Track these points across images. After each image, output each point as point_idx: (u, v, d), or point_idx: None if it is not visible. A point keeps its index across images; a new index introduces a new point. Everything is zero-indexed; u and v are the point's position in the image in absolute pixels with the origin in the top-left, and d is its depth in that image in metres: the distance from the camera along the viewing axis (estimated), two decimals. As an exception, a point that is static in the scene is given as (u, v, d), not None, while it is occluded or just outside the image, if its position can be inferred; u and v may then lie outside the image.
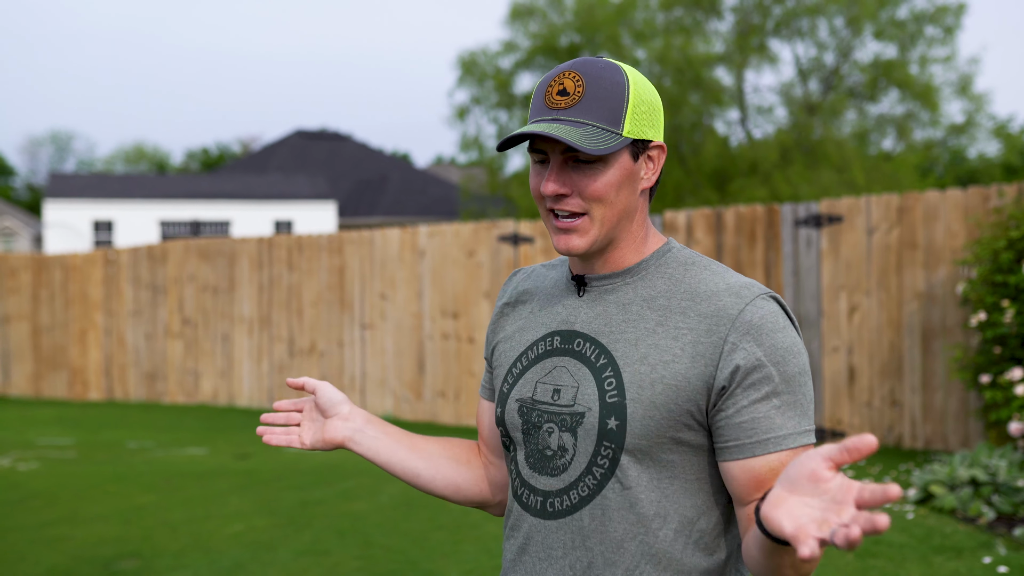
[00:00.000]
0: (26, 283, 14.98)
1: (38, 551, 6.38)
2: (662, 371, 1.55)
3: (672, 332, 1.57)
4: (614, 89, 1.58)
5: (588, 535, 1.59)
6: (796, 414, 1.53)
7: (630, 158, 1.59)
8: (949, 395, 7.92)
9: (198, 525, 6.75)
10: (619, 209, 1.60)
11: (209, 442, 10.16)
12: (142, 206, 30.63)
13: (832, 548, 5.47)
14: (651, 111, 1.61)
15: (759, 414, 1.52)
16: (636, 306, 1.61)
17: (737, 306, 1.55)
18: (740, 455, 1.53)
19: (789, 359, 1.54)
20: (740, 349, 1.53)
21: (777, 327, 1.55)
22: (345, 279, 11.95)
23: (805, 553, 1.19)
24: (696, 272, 1.62)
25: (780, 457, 1.51)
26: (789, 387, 1.53)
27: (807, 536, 1.21)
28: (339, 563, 5.72)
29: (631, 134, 1.58)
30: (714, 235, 9.04)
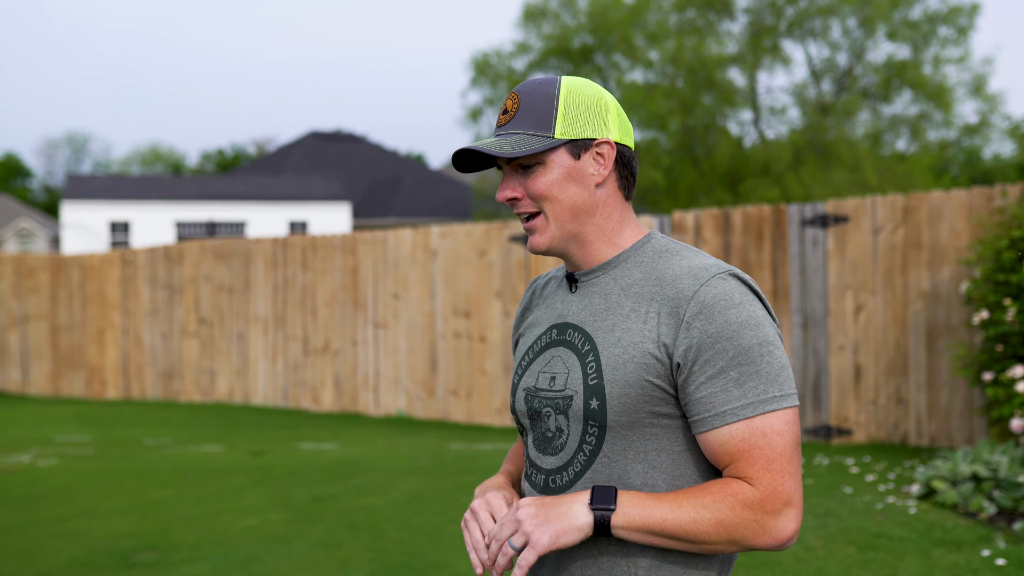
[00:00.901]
0: (45, 283, 15.18)
1: (58, 544, 6.54)
2: (632, 351, 1.69)
3: (642, 316, 1.71)
4: (544, 99, 1.75)
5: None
6: (757, 383, 1.64)
7: (570, 156, 1.75)
8: (954, 393, 8.02)
9: (214, 519, 6.89)
10: (568, 204, 1.76)
11: (224, 439, 10.31)
12: (158, 207, 30.86)
13: (836, 543, 5.58)
14: (589, 111, 1.76)
15: (716, 388, 1.64)
16: (615, 295, 1.76)
17: (693, 287, 1.68)
18: (703, 428, 1.66)
19: (743, 332, 1.65)
20: (694, 328, 1.65)
21: (731, 303, 1.66)
22: (359, 279, 12.10)
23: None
24: (668, 259, 1.76)
25: (740, 427, 1.63)
26: (747, 358, 1.64)
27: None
28: (351, 555, 5.85)
29: (564, 135, 1.74)
30: (722, 235, 9.15)
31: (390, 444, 9.56)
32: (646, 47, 32.85)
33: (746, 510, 1.61)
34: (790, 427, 1.66)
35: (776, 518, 1.62)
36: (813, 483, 6.99)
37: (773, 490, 1.62)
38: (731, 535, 1.62)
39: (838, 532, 5.76)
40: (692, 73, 31.38)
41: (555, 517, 1.64)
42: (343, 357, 12.25)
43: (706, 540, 1.62)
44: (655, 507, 1.62)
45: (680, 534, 1.62)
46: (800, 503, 1.64)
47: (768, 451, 1.63)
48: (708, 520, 1.61)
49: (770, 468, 1.62)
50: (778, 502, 1.62)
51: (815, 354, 8.66)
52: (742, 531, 1.62)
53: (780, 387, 1.65)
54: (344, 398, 12.23)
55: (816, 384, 8.67)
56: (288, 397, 12.82)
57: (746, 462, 1.63)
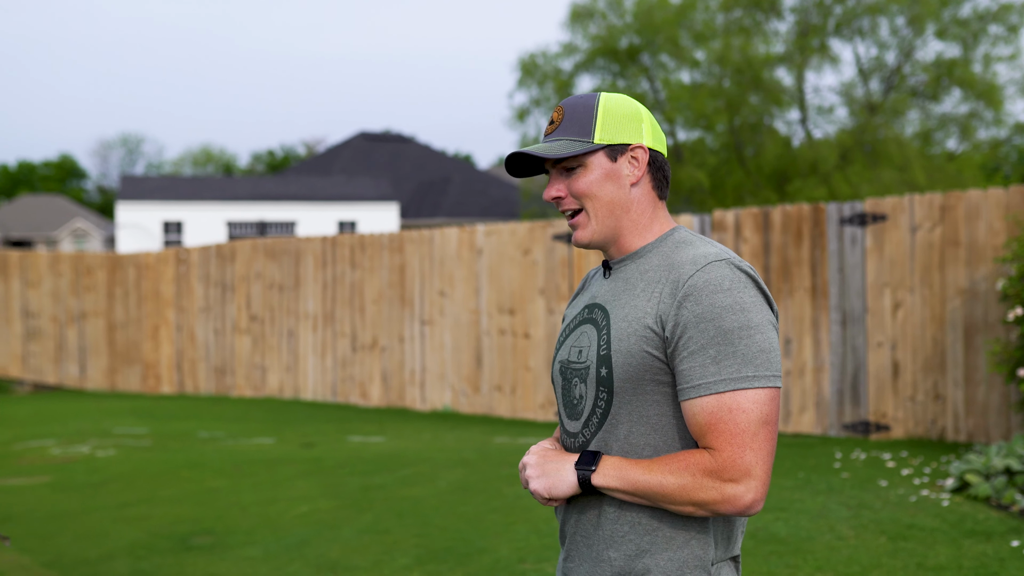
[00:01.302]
0: (102, 281, 15.61)
1: (120, 528, 6.84)
2: (635, 325, 1.92)
3: (648, 295, 1.94)
4: (585, 111, 2.00)
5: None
6: (732, 363, 1.83)
7: (608, 159, 2.00)
8: (991, 389, 8.11)
9: (267, 507, 7.17)
10: (607, 201, 1.99)
11: (276, 432, 10.62)
12: (210, 207, 31.41)
13: (868, 533, 5.73)
14: (625, 120, 2.00)
15: (695, 363, 1.85)
16: (634, 279, 1.99)
17: (690, 272, 1.90)
18: (683, 397, 1.88)
19: (727, 315, 1.85)
20: (684, 308, 1.87)
21: (720, 289, 1.86)
22: (406, 277, 12.36)
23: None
24: (682, 248, 1.98)
25: (710, 400, 1.83)
26: (726, 339, 1.84)
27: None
28: (398, 541, 6.09)
29: (603, 140, 1.98)
30: (762, 234, 9.29)
31: (436, 438, 9.80)
32: (692, 47, 32.86)
33: (705, 477, 1.81)
34: (758, 406, 1.83)
35: (734, 486, 1.80)
36: (850, 476, 7.13)
37: (732, 461, 1.81)
38: (692, 498, 1.82)
39: (871, 523, 5.90)
40: (739, 73, 31.37)
41: (550, 472, 1.94)
42: (390, 353, 12.52)
43: (671, 501, 1.84)
44: (630, 470, 1.85)
45: (650, 494, 1.84)
46: (762, 476, 1.81)
47: (732, 425, 1.82)
48: (672, 484, 1.82)
49: (731, 441, 1.81)
50: (735, 472, 1.80)
51: (854, 351, 8.79)
52: (702, 495, 1.82)
53: (755, 368, 1.84)
54: (391, 393, 12.50)
55: (855, 380, 8.79)
56: (337, 392, 13.12)
57: (712, 434, 1.83)
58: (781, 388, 1.89)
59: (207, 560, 6.00)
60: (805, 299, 9.04)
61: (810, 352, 9.02)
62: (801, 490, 6.74)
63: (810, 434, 9.09)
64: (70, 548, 6.43)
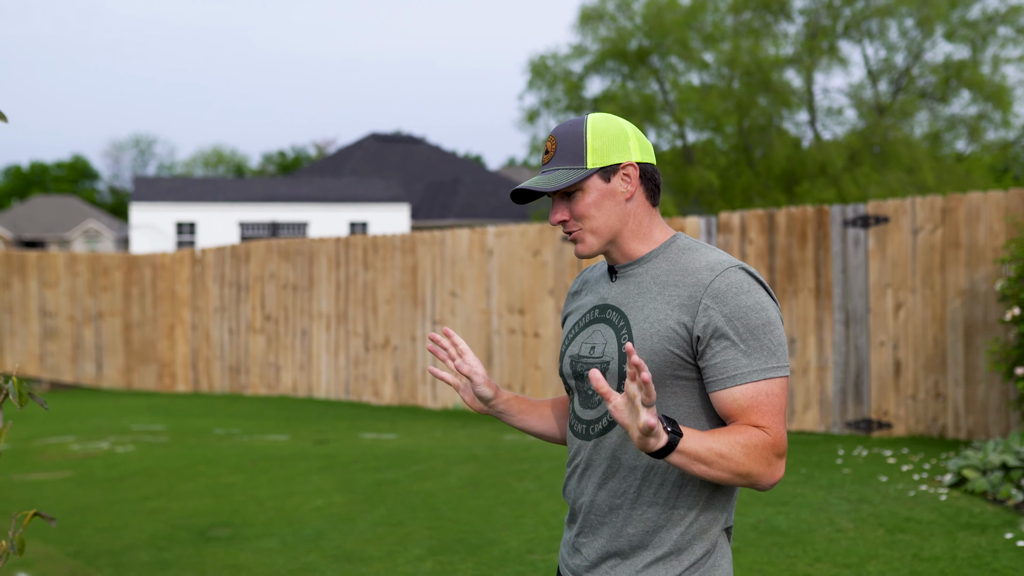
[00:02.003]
0: (118, 281, 15.86)
1: (140, 520, 7.06)
2: (658, 326, 2.12)
3: (667, 299, 2.14)
4: (575, 139, 2.20)
5: (616, 449, 2.17)
6: (761, 356, 2.06)
7: (602, 181, 2.20)
8: (991, 388, 8.28)
9: (283, 500, 7.38)
10: (605, 219, 2.20)
11: (290, 429, 10.83)
12: (223, 208, 31.67)
13: (867, 525, 5.91)
14: (612, 142, 2.20)
15: (728, 357, 2.07)
16: (647, 283, 2.20)
17: (710, 277, 2.11)
18: (717, 388, 2.09)
19: (751, 315, 2.07)
20: (711, 309, 2.08)
21: (741, 291, 2.09)
22: (417, 277, 12.57)
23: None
24: (689, 254, 2.19)
25: (747, 388, 2.06)
26: (752, 335, 2.07)
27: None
28: (411, 533, 6.29)
29: (595, 164, 2.18)
30: (767, 235, 9.48)
31: (447, 435, 10.00)
32: (702, 49, 33.01)
33: (767, 449, 2.02)
34: (784, 391, 2.09)
35: (780, 460, 2.05)
36: (851, 472, 7.31)
37: (781, 437, 2.05)
38: (755, 467, 2.00)
39: (870, 516, 6.08)
40: (748, 75, 31.51)
41: (656, 428, 1.93)
42: (402, 352, 12.73)
43: (730, 469, 1.97)
44: (704, 438, 1.97)
45: (719, 460, 1.96)
46: (786, 454, 2.07)
47: (771, 407, 2.05)
48: (740, 453, 1.99)
49: (776, 420, 2.05)
50: (781, 447, 2.05)
51: (856, 350, 8.96)
52: (761, 466, 2.01)
53: (778, 360, 2.08)
54: (403, 392, 12.71)
55: (857, 379, 8.97)
56: (350, 391, 13.34)
57: (757, 414, 2.05)
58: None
59: (226, 551, 6.20)
60: (809, 299, 9.22)
61: (814, 351, 9.20)
62: (803, 485, 6.93)
63: (814, 432, 9.27)
64: (93, 539, 6.64)
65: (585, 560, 2.23)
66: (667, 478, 2.13)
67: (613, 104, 32.58)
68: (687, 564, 2.13)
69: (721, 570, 2.17)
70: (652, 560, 2.13)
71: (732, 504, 2.21)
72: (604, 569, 2.18)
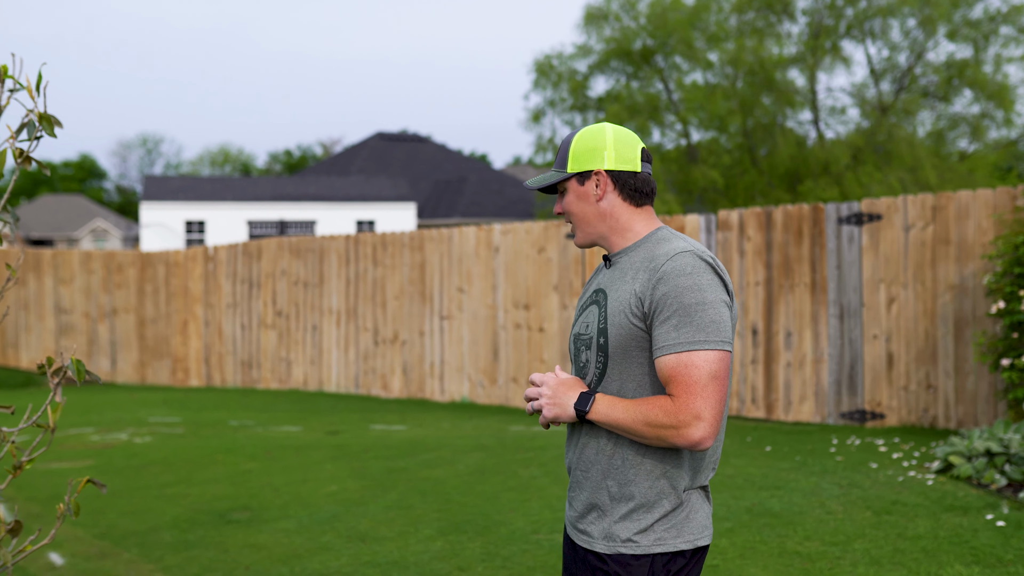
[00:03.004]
0: (132, 278, 16.19)
1: (162, 505, 7.37)
2: (623, 304, 2.47)
3: (633, 280, 2.49)
4: (564, 148, 2.63)
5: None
6: (690, 330, 2.37)
7: (578, 184, 2.60)
8: (980, 379, 8.59)
9: (298, 487, 7.69)
10: (580, 214, 2.62)
11: (302, 421, 11.15)
12: (232, 207, 32.02)
13: (855, 508, 6.21)
14: (589, 152, 2.58)
15: (663, 330, 2.40)
16: (625, 268, 2.55)
17: (663, 261, 2.45)
18: (654, 356, 2.42)
19: (686, 294, 2.39)
20: (657, 288, 2.42)
21: (683, 273, 2.41)
22: (426, 274, 12.89)
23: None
24: (662, 244, 2.53)
25: (671, 358, 2.38)
26: (685, 312, 2.38)
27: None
28: (421, 515, 6.61)
29: (573, 169, 2.59)
30: (764, 232, 9.78)
31: (455, 426, 10.32)
32: (706, 48, 33.27)
33: (666, 416, 2.35)
34: (708, 364, 2.37)
35: (687, 428, 2.35)
36: (843, 460, 7.61)
37: (685, 405, 2.35)
38: (656, 433, 2.36)
39: (859, 499, 6.39)
40: (752, 74, 31.78)
41: (559, 404, 2.51)
42: (411, 347, 13.05)
43: (641, 434, 2.39)
44: (614, 408, 2.42)
45: (626, 426, 2.40)
46: (710, 419, 2.34)
47: (687, 378, 2.36)
48: (642, 420, 2.37)
49: (687, 390, 2.35)
50: (687, 414, 2.34)
51: (851, 343, 9.27)
52: (663, 432, 2.36)
53: (706, 335, 2.37)
54: (412, 385, 13.03)
55: (852, 371, 9.27)
56: (359, 384, 13.66)
57: (672, 384, 2.37)
58: (731, 352, 2.42)
59: (246, 532, 6.52)
60: (805, 294, 9.52)
61: (810, 345, 9.50)
62: (797, 471, 7.23)
63: (810, 422, 9.58)
64: (118, 522, 6.96)
65: (574, 512, 2.58)
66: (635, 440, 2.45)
67: (618, 104, 32.86)
68: (657, 516, 2.45)
69: (694, 523, 2.48)
70: (626, 512, 2.46)
71: (703, 464, 2.51)
72: (589, 520, 2.53)
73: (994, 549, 5.33)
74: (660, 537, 2.44)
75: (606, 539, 2.47)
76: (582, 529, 2.54)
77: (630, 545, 2.44)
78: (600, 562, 2.47)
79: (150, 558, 6.07)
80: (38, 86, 3.17)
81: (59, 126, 3.41)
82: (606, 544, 2.47)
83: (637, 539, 2.44)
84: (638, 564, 2.43)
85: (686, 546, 2.45)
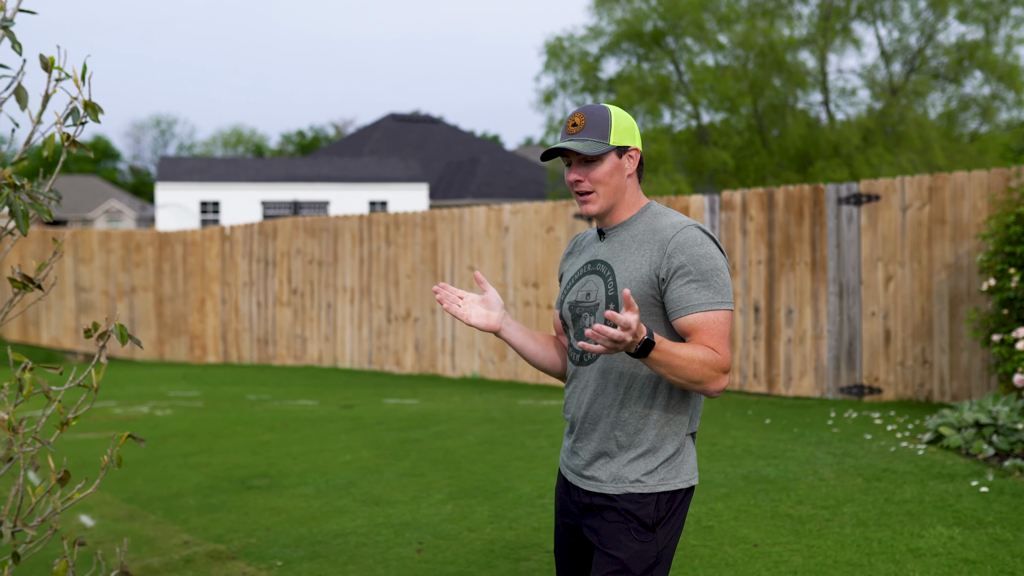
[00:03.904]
0: (151, 257, 16.54)
1: (185, 473, 7.71)
2: (635, 273, 2.75)
3: (642, 252, 2.77)
4: (603, 120, 2.81)
5: (607, 368, 2.80)
6: (709, 292, 2.68)
7: (616, 157, 2.81)
8: (973, 355, 8.86)
9: (314, 456, 8.02)
10: (613, 187, 2.82)
11: (317, 395, 11.48)
12: (246, 188, 32.37)
13: (847, 475, 6.50)
14: (628, 130, 2.82)
15: (684, 292, 2.69)
16: (627, 242, 2.83)
17: (672, 233, 2.74)
18: (677, 316, 2.71)
19: (703, 261, 2.69)
20: (673, 257, 2.70)
21: (696, 243, 2.70)
22: (437, 252, 13.20)
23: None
24: (659, 218, 2.81)
25: (699, 316, 2.67)
26: (703, 277, 2.68)
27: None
28: (433, 482, 6.93)
29: (616, 143, 2.80)
30: (766, 212, 10.05)
31: (465, 400, 10.64)
32: (717, 30, 33.41)
33: (715, 361, 2.63)
34: (727, 321, 2.69)
35: (724, 375, 2.65)
36: (839, 432, 7.91)
37: (726, 354, 2.66)
38: (705, 373, 2.60)
39: (851, 468, 6.68)
40: (762, 55, 31.92)
41: (640, 333, 2.48)
42: (423, 324, 13.37)
43: (691, 373, 2.59)
44: (674, 345, 2.60)
45: (684, 362, 2.57)
46: (730, 369, 2.68)
47: (717, 331, 2.67)
48: (696, 361, 2.60)
49: (721, 341, 2.67)
50: (725, 365, 2.65)
51: (849, 320, 9.55)
52: (710, 374, 2.61)
53: (723, 297, 2.69)
54: (424, 361, 13.36)
55: (850, 347, 9.56)
56: (372, 361, 14.00)
57: (706, 336, 2.66)
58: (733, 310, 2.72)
59: (266, 497, 6.85)
60: (805, 273, 9.80)
61: (810, 321, 9.79)
62: (793, 442, 7.53)
63: (809, 397, 9.87)
64: (144, 488, 7.30)
65: (581, 460, 2.86)
66: (643, 392, 2.75)
67: (628, 85, 33.05)
68: (661, 459, 2.76)
69: (688, 465, 2.81)
70: (634, 457, 2.77)
71: (696, 413, 2.83)
72: (597, 466, 2.82)
73: (975, 512, 5.62)
74: (663, 478, 2.75)
75: (615, 481, 2.77)
76: (589, 475, 2.83)
77: (638, 485, 2.75)
78: (609, 501, 2.78)
79: (176, 520, 6.41)
80: (83, 75, 3.48)
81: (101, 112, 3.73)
82: (615, 486, 2.77)
83: (644, 480, 2.75)
84: (645, 501, 2.74)
85: (684, 485, 2.78)
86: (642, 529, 2.74)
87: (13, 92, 3.53)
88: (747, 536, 5.39)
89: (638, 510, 2.74)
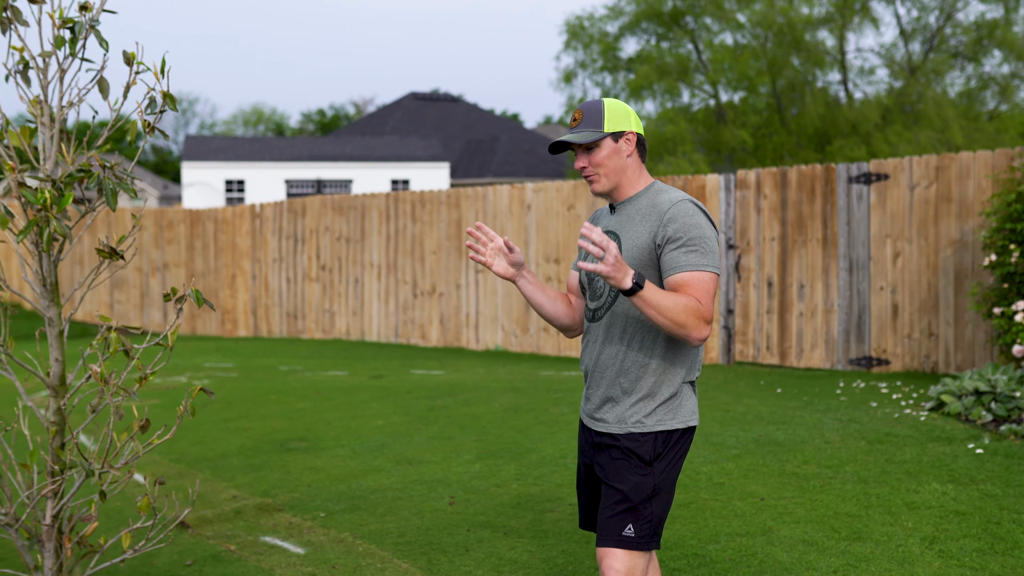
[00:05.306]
0: (183, 234, 17.03)
1: (227, 437, 8.19)
2: (638, 240, 3.17)
3: (644, 223, 3.19)
4: (597, 112, 3.24)
5: (612, 323, 3.22)
6: (696, 255, 3.07)
7: (612, 141, 3.23)
8: (977, 327, 9.24)
9: (348, 421, 8.48)
10: (612, 167, 3.24)
11: (347, 367, 11.95)
12: (270, 166, 32.85)
13: (851, 439, 6.91)
14: (621, 116, 3.23)
15: (675, 254, 3.10)
16: (633, 215, 3.25)
17: (668, 206, 3.15)
18: (668, 275, 3.12)
19: (692, 230, 3.09)
20: (668, 226, 3.12)
21: (687, 214, 3.11)
22: (461, 230, 13.63)
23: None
24: (659, 194, 3.23)
25: (684, 274, 3.07)
26: (692, 242, 3.08)
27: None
28: (461, 444, 7.38)
29: (609, 129, 3.22)
30: (779, 191, 10.43)
31: (489, 371, 11.09)
32: (735, 9, 33.60)
33: (696, 309, 3.03)
34: (713, 280, 3.09)
35: (706, 324, 3.05)
36: (847, 400, 8.32)
37: (708, 307, 3.06)
38: (685, 319, 2.98)
39: (855, 432, 7.10)
40: (781, 34, 32.11)
41: (620, 270, 2.88)
42: (448, 299, 13.82)
43: (674, 318, 2.98)
44: (659, 292, 2.99)
45: (668, 307, 2.96)
46: (711, 322, 3.04)
47: (702, 287, 3.07)
48: (679, 307, 3.00)
49: (704, 296, 3.06)
50: (708, 314, 3.06)
51: (859, 294, 9.94)
52: (692, 320, 3.00)
53: (708, 260, 3.08)
54: (448, 335, 13.82)
55: (859, 320, 9.95)
56: (399, 334, 14.46)
57: (691, 289, 3.05)
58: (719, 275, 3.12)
59: (304, 458, 7.31)
60: (817, 249, 10.19)
61: (821, 296, 10.18)
62: (803, 409, 7.95)
63: (820, 368, 10.27)
64: (189, 450, 7.78)
65: (592, 404, 3.30)
66: (643, 344, 3.17)
67: (647, 64, 33.31)
68: (658, 403, 3.18)
69: (685, 408, 3.23)
70: (635, 401, 3.19)
71: (695, 364, 3.25)
72: (604, 410, 3.25)
73: (969, 471, 6.02)
74: (660, 419, 3.17)
75: (619, 422, 3.20)
76: (599, 418, 3.26)
77: (638, 425, 3.17)
78: (614, 440, 3.21)
79: (223, 478, 6.88)
80: (162, 69, 3.93)
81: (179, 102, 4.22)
82: (619, 426, 3.20)
83: (644, 421, 3.16)
84: (644, 440, 3.16)
85: (680, 425, 3.19)
86: (641, 464, 3.15)
87: (96, 83, 3.97)
88: (755, 491, 5.82)
89: (638, 448, 3.16)
